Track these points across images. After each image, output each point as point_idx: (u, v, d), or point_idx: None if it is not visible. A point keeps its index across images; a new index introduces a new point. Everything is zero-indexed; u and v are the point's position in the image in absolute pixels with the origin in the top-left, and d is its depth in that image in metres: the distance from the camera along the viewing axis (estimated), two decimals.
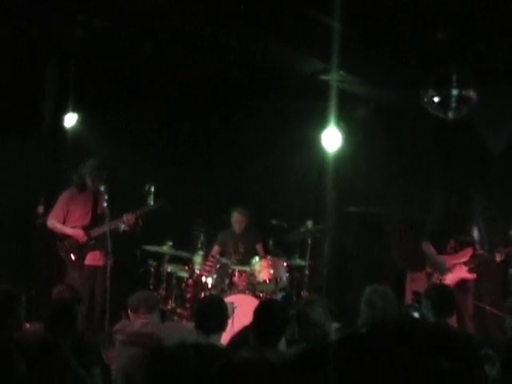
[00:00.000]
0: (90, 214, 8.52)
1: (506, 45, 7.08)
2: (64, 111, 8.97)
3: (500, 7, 6.18)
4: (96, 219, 8.50)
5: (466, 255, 8.16)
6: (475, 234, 8.20)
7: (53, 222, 8.46)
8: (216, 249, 9.75)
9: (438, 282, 8.02)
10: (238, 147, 10.66)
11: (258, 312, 5.17)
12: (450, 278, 8.10)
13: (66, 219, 8.46)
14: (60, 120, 8.98)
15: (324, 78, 8.54)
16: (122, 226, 8.47)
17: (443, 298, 6.24)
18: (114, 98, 9.44)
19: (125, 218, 8.45)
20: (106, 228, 8.32)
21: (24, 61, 7.70)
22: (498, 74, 7.60)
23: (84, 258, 8.44)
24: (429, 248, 8.37)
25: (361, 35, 7.04)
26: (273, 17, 6.75)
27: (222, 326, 5.43)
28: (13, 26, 7.14)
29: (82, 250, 8.42)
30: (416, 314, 7.12)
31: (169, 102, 10.08)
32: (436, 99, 7.41)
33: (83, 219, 8.50)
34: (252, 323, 5.13)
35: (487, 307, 8.70)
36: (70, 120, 9.12)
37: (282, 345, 5.11)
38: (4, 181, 8.95)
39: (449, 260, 8.20)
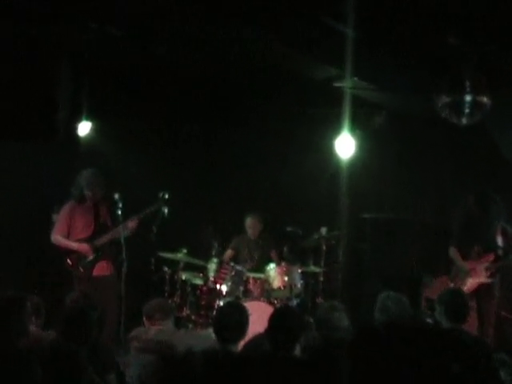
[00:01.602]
0: (92, 225, 8.49)
1: None
2: (78, 119, 9.00)
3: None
4: (99, 229, 8.48)
5: (487, 260, 8.16)
6: (499, 238, 8.18)
7: (56, 238, 8.41)
8: (229, 253, 9.76)
9: (458, 287, 7.99)
10: (251, 154, 10.66)
11: (272, 319, 5.18)
12: (470, 283, 8.12)
13: (69, 233, 8.45)
14: (74, 128, 9.01)
15: (337, 84, 8.54)
16: (126, 232, 8.33)
17: (457, 303, 6.19)
18: (126, 105, 9.46)
19: (127, 223, 8.38)
20: (109, 237, 8.38)
21: (36, 68, 7.71)
22: (510, 78, 7.59)
23: (92, 270, 8.42)
24: (455, 254, 8.38)
25: (373, 41, 7.04)
26: (285, 23, 6.75)
27: (241, 336, 5.42)
28: (26, 34, 7.15)
29: (89, 262, 8.40)
30: (429, 321, 7.12)
31: (180, 107, 10.10)
32: (449, 105, 7.41)
33: (86, 231, 8.47)
34: (267, 330, 5.14)
35: (503, 313, 8.66)
36: (84, 128, 9.19)
37: (297, 352, 5.11)
38: (19, 188, 9.00)
39: (471, 265, 8.20)
